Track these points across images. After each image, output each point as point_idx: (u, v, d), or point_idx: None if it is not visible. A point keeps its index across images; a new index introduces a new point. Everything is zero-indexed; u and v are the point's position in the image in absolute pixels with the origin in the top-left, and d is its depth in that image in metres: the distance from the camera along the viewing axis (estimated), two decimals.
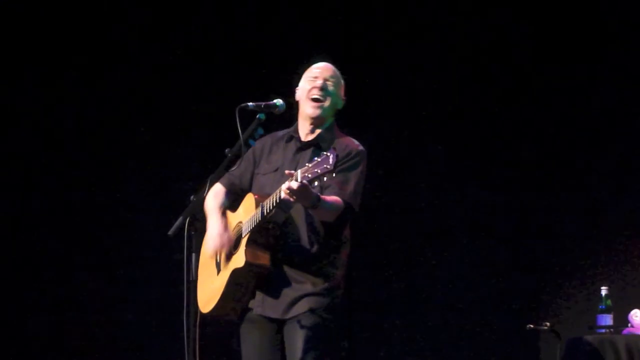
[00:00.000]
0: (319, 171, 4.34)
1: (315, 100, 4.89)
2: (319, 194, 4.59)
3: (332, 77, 4.93)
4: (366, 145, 4.95)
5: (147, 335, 7.48)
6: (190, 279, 4.46)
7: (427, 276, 7.62)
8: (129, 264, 7.60)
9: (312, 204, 4.57)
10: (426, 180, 7.69)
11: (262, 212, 4.66)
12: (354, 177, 4.79)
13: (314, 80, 4.91)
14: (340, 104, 4.98)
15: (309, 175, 4.36)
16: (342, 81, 4.99)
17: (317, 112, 4.89)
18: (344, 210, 4.73)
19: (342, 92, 4.98)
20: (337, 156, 4.34)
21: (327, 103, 4.89)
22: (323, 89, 4.89)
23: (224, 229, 4.88)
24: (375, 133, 7.05)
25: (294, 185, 4.41)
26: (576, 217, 7.42)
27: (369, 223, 7.31)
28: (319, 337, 4.72)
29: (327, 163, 4.33)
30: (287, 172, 4.47)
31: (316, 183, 4.40)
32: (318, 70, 4.95)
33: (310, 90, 4.90)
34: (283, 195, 4.50)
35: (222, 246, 4.84)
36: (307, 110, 4.90)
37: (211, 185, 4.66)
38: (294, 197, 4.48)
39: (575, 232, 7.41)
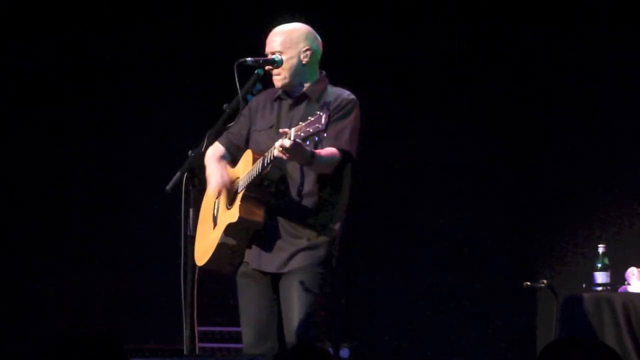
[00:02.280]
0: (311, 130, 4.38)
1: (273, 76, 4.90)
2: (313, 150, 4.60)
3: (276, 48, 4.85)
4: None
5: (146, 289, 7.50)
6: (188, 234, 4.48)
7: (423, 233, 7.63)
8: (127, 220, 7.62)
9: (306, 161, 4.60)
10: (420, 140, 7.69)
11: (258, 169, 4.69)
12: (348, 125, 4.80)
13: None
14: (309, 56, 4.87)
15: (302, 134, 4.40)
16: (299, 35, 4.88)
17: (279, 84, 4.90)
18: (342, 159, 4.75)
19: (302, 47, 4.86)
20: (329, 116, 4.37)
21: (280, 75, 4.86)
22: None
23: (224, 170, 4.89)
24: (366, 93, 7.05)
25: (287, 143, 4.45)
26: (573, 174, 7.42)
27: (362, 186, 7.32)
28: (314, 292, 4.75)
29: (320, 123, 4.37)
30: (281, 130, 4.51)
31: (308, 142, 4.43)
32: (266, 45, 4.92)
33: None
34: (276, 153, 4.53)
35: (224, 184, 4.86)
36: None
37: (209, 140, 4.67)
38: (287, 155, 4.51)
39: (572, 190, 7.42)
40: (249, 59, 4.74)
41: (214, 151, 5.00)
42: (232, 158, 5.03)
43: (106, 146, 7.67)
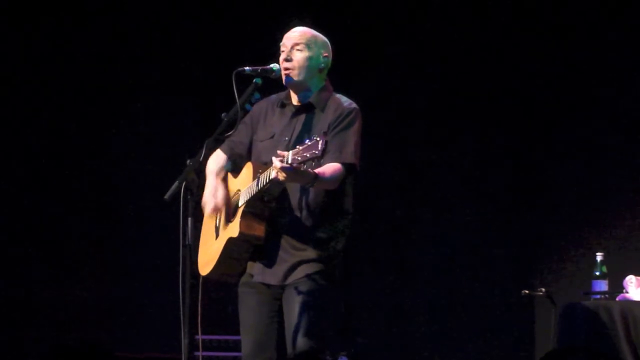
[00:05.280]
0: (307, 155, 4.36)
1: (285, 69, 4.87)
2: (315, 172, 4.57)
3: (301, 41, 4.86)
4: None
5: (145, 298, 7.50)
6: (186, 243, 4.47)
7: (421, 242, 7.63)
8: (125, 230, 7.62)
9: (309, 183, 4.59)
10: (418, 147, 7.69)
11: (257, 186, 4.68)
12: (351, 136, 4.79)
13: (283, 50, 4.89)
14: (325, 63, 4.91)
15: (299, 158, 4.38)
16: (322, 41, 4.92)
17: (289, 82, 4.87)
18: (346, 172, 4.74)
19: (322, 52, 4.90)
20: (326, 142, 4.35)
21: (296, 71, 4.85)
22: (288, 59, 4.84)
23: (217, 189, 4.88)
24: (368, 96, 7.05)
25: (285, 167, 4.42)
26: (571, 182, 7.42)
27: (359, 194, 7.31)
28: (316, 303, 4.75)
29: (316, 149, 4.34)
30: (278, 152, 4.48)
31: (305, 166, 4.41)
32: (286, 39, 4.91)
33: (281, 62, 4.88)
34: (274, 175, 4.52)
35: (215, 207, 4.85)
36: (283, 79, 4.90)
37: (207, 149, 4.67)
38: (284, 178, 4.50)
39: (571, 198, 7.42)
40: (247, 68, 4.74)
41: (216, 160, 4.98)
42: (234, 166, 5.02)
43: (104, 154, 7.67)
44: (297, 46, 4.85)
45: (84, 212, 7.65)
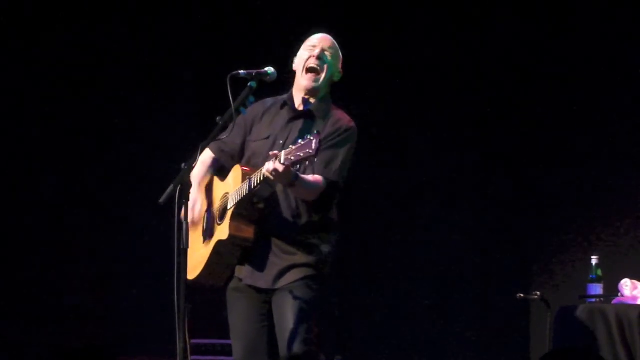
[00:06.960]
0: (301, 155, 4.37)
1: (311, 70, 4.88)
2: (297, 172, 4.59)
3: (330, 47, 4.91)
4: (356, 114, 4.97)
5: (139, 302, 7.50)
6: (181, 246, 4.48)
7: (417, 245, 7.63)
8: (120, 232, 7.61)
9: (289, 182, 4.59)
10: (414, 154, 7.70)
11: (248, 188, 4.68)
12: (341, 154, 4.80)
13: (313, 49, 4.90)
14: (337, 77, 4.96)
15: (292, 158, 4.39)
16: (340, 54, 4.98)
17: (312, 84, 4.89)
18: (328, 188, 4.75)
19: (339, 65, 4.97)
20: (320, 141, 4.36)
21: (323, 74, 4.88)
22: (320, 58, 4.88)
23: (196, 202, 4.88)
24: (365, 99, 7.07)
25: (278, 167, 4.43)
26: (566, 186, 7.43)
27: (355, 200, 7.32)
28: (308, 307, 4.76)
29: (310, 147, 4.35)
30: (271, 153, 4.50)
31: (298, 166, 4.42)
32: (317, 40, 4.94)
33: (308, 60, 4.89)
34: (266, 175, 4.52)
35: (192, 221, 4.83)
36: (302, 82, 4.90)
37: (202, 152, 4.68)
38: (275, 178, 4.50)
39: (565, 201, 7.43)
40: (242, 71, 4.74)
41: (203, 162, 4.98)
42: (220, 167, 5.01)
43: (100, 158, 7.67)
44: (329, 51, 4.91)
45: (81, 216, 7.64)
